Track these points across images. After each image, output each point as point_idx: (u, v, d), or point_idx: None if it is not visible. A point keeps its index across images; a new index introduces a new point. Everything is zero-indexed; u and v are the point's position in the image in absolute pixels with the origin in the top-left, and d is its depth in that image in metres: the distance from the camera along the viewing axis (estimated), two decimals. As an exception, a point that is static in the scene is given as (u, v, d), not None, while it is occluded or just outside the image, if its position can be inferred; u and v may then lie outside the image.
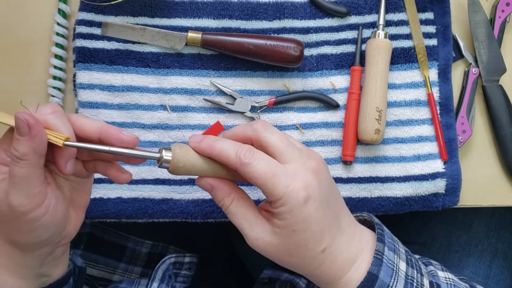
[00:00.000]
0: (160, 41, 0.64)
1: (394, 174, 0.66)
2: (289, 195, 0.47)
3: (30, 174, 0.45)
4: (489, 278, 0.77)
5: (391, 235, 0.54)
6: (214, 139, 0.49)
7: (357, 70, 0.65)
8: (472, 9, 0.67)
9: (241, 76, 0.66)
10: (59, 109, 0.48)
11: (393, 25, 0.67)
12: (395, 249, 0.52)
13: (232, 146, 0.48)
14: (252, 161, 0.47)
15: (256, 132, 0.50)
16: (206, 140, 0.49)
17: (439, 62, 0.67)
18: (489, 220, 0.78)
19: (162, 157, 0.48)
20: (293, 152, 0.49)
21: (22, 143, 0.44)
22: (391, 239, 0.53)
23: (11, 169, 0.45)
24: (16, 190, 0.45)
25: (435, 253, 0.79)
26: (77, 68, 0.64)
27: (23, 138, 0.44)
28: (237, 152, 0.48)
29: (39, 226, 0.48)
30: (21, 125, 0.44)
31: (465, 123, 0.68)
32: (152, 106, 0.65)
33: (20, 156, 0.44)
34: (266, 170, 0.47)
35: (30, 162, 0.45)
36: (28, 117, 0.44)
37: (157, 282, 0.66)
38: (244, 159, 0.47)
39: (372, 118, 0.63)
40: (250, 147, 0.49)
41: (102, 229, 0.79)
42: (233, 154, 0.48)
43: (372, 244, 0.52)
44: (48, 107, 0.47)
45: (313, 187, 0.48)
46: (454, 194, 0.66)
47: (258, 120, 0.54)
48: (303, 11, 0.66)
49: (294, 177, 0.47)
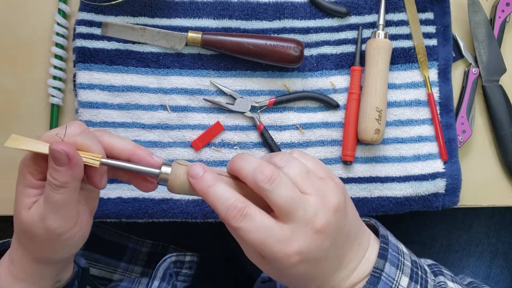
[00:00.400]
0: (160, 41, 0.64)
1: (394, 174, 0.66)
2: (278, 260, 0.44)
3: (69, 199, 0.45)
4: (489, 278, 0.77)
5: (398, 246, 0.51)
6: (211, 182, 0.45)
7: (357, 70, 0.65)
8: (472, 9, 0.67)
9: (241, 76, 0.66)
10: (85, 127, 0.47)
11: (393, 25, 0.67)
12: (399, 263, 0.49)
13: (225, 202, 0.44)
14: (241, 225, 0.43)
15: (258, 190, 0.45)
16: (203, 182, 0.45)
17: (439, 62, 0.67)
18: (489, 220, 0.78)
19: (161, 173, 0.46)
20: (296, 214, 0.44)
21: (61, 173, 0.44)
22: (396, 252, 0.50)
23: (49, 196, 0.45)
24: (55, 215, 0.45)
25: (435, 253, 0.79)
26: (77, 68, 0.64)
27: (62, 168, 0.44)
28: (227, 211, 0.44)
29: (72, 243, 0.48)
30: (60, 157, 0.43)
31: (465, 123, 0.68)
32: (152, 106, 0.65)
33: (61, 185, 0.44)
34: (256, 237, 0.43)
35: (70, 188, 0.45)
36: (66, 147, 0.43)
37: (158, 281, 0.66)
38: (233, 222, 0.43)
39: (372, 118, 0.63)
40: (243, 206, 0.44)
41: (103, 229, 0.79)
42: (223, 212, 0.44)
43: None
44: (75, 127, 0.46)
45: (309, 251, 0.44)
46: (454, 194, 0.66)
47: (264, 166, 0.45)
48: (303, 11, 0.66)
49: (289, 241, 0.43)
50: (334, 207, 0.46)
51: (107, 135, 0.48)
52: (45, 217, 0.45)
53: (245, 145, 0.66)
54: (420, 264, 0.52)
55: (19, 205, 0.47)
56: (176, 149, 0.65)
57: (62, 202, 0.45)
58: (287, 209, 0.44)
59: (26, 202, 0.47)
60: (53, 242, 0.47)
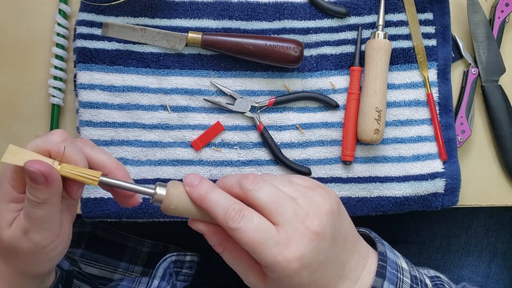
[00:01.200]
0: (160, 41, 0.64)
1: (394, 174, 0.66)
2: (278, 265, 0.43)
3: (51, 212, 0.45)
4: (488, 278, 0.77)
5: (397, 263, 0.50)
6: (208, 189, 0.46)
7: (357, 71, 0.66)
8: (471, 9, 0.68)
9: (241, 77, 0.66)
10: (67, 136, 0.47)
11: (392, 25, 0.67)
12: (397, 281, 0.48)
13: (223, 205, 0.45)
14: (240, 225, 0.43)
15: (243, 192, 0.46)
16: (200, 188, 0.46)
17: (439, 63, 0.67)
18: (488, 220, 0.78)
19: (155, 193, 0.46)
20: (285, 212, 0.44)
21: (40, 191, 0.43)
22: (395, 269, 0.49)
23: (30, 212, 0.44)
24: (38, 229, 0.45)
25: (435, 252, 0.79)
26: (78, 69, 0.64)
27: (40, 186, 0.43)
28: (225, 213, 0.44)
29: (56, 254, 0.48)
30: (36, 176, 0.43)
31: (465, 123, 0.68)
32: (152, 106, 0.65)
33: (41, 202, 0.44)
34: (254, 237, 0.43)
35: (51, 204, 0.44)
36: (41, 166, 0.43)
37: (158, 280, 0.66)
38: (231, 223, 0.43)
39: (371, 118, 0.63)
40: (241, 208, 0.44)
41: (103, 229, 0.79)
42: (221, 214, 0.44)
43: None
44: (57, 135, 0.46)
45: (309, 255, 0.44)
46: (453, 194, 0.66)
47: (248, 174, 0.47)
48: (303, 11, 0.66)
49: (286, 244, 0.43)
50: (326, 210, 0.46)
51: (89, 148, 0.48)
52: (27, 231, 0.45)
53: (245, 145, 0.66)
54: (421, 279, 0.52)
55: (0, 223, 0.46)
56: (176, 149, 0.65)
57: (45, 217, 0.45)
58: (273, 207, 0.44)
59: (7, 218, 0.46)
60: (37, 255, 0.47)
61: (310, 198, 0.46)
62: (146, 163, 0.65)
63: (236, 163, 0.66)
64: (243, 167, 0.66)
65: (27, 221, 0.45)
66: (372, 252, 0.51)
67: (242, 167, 0.66)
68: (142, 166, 0.65)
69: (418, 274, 0.52)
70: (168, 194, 0.46)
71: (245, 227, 0.43)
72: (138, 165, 0.65)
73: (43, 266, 0.49)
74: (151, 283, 0.65)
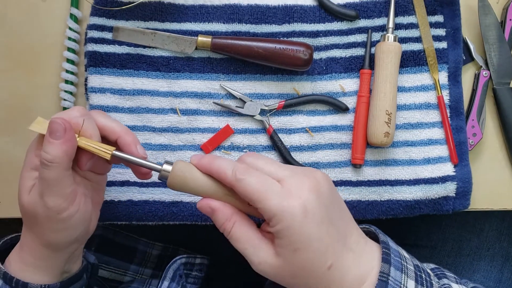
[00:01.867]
0: (170, 45, 0.65)
1: (404, 177, 0.66)
2: (284, 210, 0.45)
3: (62, 176, 0.48)
4: (500, 283, 0.76)
5: (399, 252, 0.52)
6: (213, 158, 0.49)
7: (367, 73, 0.65)
8: (482, 11, 0.67)
9: (251, 80, 0.66)
10: (86, 111, 0.51)
11: (402, 28, 0.66)
12: (402, 267, 0.49)
13: (230, 164, 0.48)
14: (245, 176, 0.47)
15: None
16: (207, 157, 0.49)
17: (449, 65, 0.67)
18: (501, 224, 0.77)
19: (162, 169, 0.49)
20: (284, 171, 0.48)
21: (55, 146, 0.47)
22: (398, 257, 0.50)
23: (42, 173, 0.48)
24: (51, 192, 0.48)
25: (446, 256, 0.78)
26: (89, 72, 0.65)
27: (56, 142, 0.47)
28: (233, 168, 0.47)
29: (72, 224, 0.51)
30: (58, 128, 0.47)
31: (476, 126, 0.67)
32: (162, 109, 0.65)
33: (52, 160, 0.47)
34: (259, 185, 0.46)
35: (60, 165, 0.47)
36: (63, 121, 0.47)
37: (168, 281, 0.67)
38: (238, 175, 0.47)
39: (381, 121, 0.63)
40: (246, 167, 0.48)
41: (113, 231, 0.80)
42: (230, 170, 0.48)
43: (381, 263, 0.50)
44: (76, 110, 0.50)
45: (311, 203, 0.46)
46: (465, 198, 0.66)
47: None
48: (312, 14, 0.66)
49: (289, 193, 0.46)
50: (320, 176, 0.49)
51: (101, 116, 0.53)
52: (43, 194, 0.48)
53: (255, 148, 0.66)
54: (423, 268, 0.52)
55: (21, 189, 0.50)
56: (186, 152, 0.66)
57: (54, 179, 0.48)
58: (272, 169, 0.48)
59: (28, 185, 0.50)
60: (53, 221, 0.50)
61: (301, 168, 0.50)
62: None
63: (246, 166, 0.66)
64: (252, 170, 0.66)
65: (41, 184, 0.48)
66: (372, 242, 0.52)
67: (251, 170, 0.66)
68: (152, 169, 0.65)
69: (420, 264, 0.53)
70: (176, 166, 0.49)
71: (250, 178, 0.47)
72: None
73: (60, 235, 0.51)
74: (161, 284, 0.66)
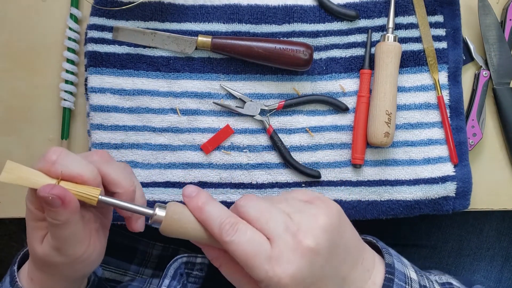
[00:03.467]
0: (170, 45, 0.65)
1: (404, 177, 0.66)
2: (270, 281, 0.43)
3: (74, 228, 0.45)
4: (500, 283, 0.76)
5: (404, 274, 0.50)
6: (205, 200, 0.46)
7: (367, 73, 0.65)
8: (482, 11, 0.67)
9: (251, 80, 0.66)
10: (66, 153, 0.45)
11: (402, 28, 0.66)
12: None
13: (218, 217, 0.45)
14: (233, 238, 0.43)
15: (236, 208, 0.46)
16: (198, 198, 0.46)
17: (449, 65, 0.67)
18: (501, 224, 0.77)
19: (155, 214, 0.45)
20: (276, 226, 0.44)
21: (59, 213, 0.43)
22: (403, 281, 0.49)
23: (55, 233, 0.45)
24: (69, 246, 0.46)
25: (446, 257, 0.78)
26: (89, 72, 0.65)
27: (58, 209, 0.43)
28: (220, 226, 0.44)
29: (92, 260, 0.50)
30: (52, 201, 0.42)
31: (476, 126, 0.67)
32: (162, 109, 0.65)
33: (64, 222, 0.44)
34: (247, 250, 0.43)
35: (72, 222, 0.45)
36: (54, 190, 0.42)
37: (169, 279, 0.67)
38: (225, 236, 0.43)
39: (381, 121, 0.63)
40: (236, 221, 0.45)
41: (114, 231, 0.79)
42: (217, 226, 0.44)
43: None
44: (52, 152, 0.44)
45: (302, 270, 0.43)
46: (465, 198, 0.66)
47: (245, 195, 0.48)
48: (312, 14, 0.66)
49: (278, 260, 0.43)
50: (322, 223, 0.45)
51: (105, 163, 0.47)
52: (58, 248, 0.46)
53: (255, 148, 0.66)
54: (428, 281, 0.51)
55: (31, 239, 0.47)
56: (186, 152, 0.66)
57: (71, 235, 0.45)
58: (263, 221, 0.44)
59: (37, 235, 0.47)
60: (73, 264, 0.48)
61: (305, 212, 0.46)
62: (156, 166, 0.65)
63: (246, 166, 0.66)
64: (252, 170, 0.66)
65: (55, 241, 0.46)
66: (378, 263, 0.50)
67: (251, 170, 0.66)
68: (152, 169, 0.65)
69: (428, 283, 0.51)
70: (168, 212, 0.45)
71: (238, 240, 0.43)
72: (148, 168, 0.65)
73: (81, 271, 0.51)
74: (162, 282, 0.66)
